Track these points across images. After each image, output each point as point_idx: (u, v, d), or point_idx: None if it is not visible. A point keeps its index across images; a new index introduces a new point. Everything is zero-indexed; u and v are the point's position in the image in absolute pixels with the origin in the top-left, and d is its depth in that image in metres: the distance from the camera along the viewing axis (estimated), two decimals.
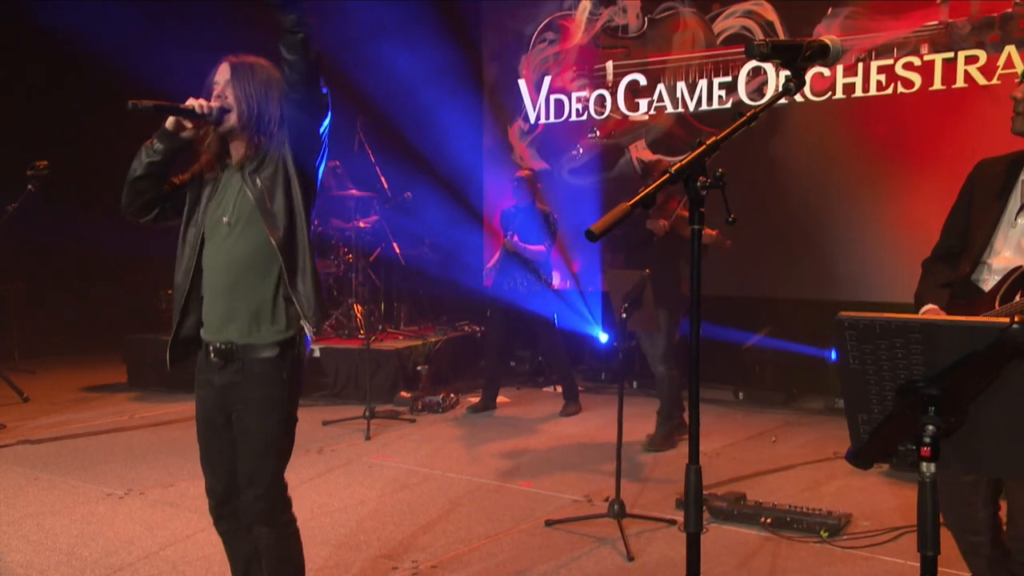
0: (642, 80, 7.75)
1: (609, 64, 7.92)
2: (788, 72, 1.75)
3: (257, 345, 2.44)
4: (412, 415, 6.40)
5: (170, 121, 2.41)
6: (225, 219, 2.43)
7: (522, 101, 8.48)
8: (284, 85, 2.36)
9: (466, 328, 8.10)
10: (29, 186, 3.20)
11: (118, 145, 3.16)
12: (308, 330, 2.47)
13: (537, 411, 6.58)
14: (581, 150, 8.16)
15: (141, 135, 2.50)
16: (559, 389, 7.47)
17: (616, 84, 7.89)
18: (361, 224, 7.77)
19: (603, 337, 7.64)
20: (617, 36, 7.89)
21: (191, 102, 2.37)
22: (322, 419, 6.09)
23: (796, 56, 1.71)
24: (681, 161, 1.61)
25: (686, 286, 5.13)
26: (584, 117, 8.11)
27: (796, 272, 6.96)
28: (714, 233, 5.25)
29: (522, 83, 8.48)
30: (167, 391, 7.20)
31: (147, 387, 7.45)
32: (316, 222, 7.81)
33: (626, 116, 7.87)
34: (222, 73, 2.44)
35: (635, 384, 7.35)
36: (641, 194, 1.57)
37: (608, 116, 7.97)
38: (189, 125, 2.41)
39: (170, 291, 8.47)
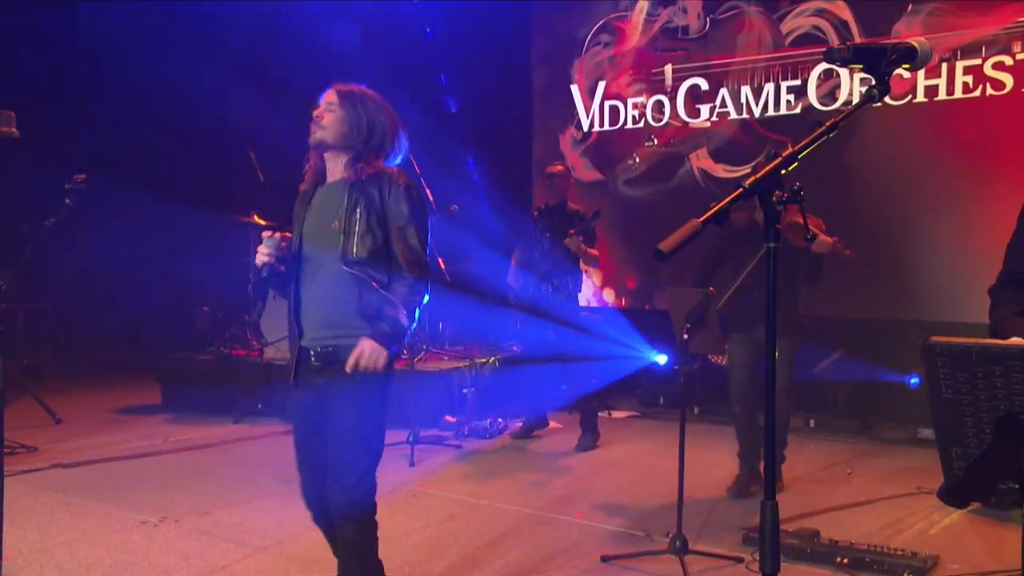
0: (703, 84, 7.72)
1: (668, 68, 7.90)
2: (871, 77, 1.73)
3: (353, 347, 2.72)
4: (458, 440, 6.42)
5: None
6: (335, 225, 2.77)
7: (574, 108, 8.49)
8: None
9: (514, 349, 8.10)
10: (67, 200, 3.28)
11: (154, 160, 3.28)
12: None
13: None
14: (637, 159, 8.14)
15: (175, 150, 2.67)
16: (613, 414, 7.44)
17: (675, 89, 7.86)
18: None
19: (661, 359, 7.57)
20: (677, 38, 7.88)
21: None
22: None
23: (880, 60, 1.69)
24: (755, 175, 1.60)
25: (801, 307, 4.98)
26: (641, 124, 8.09)
27: (872, 290, 6.83)
28: (831, 241, 4.67)
29: (574, 89, 8.50)
30: (201, 413, 7.34)
31: (181, 409, 7.60)
32: None
33: (686, 123, 7.83)
34: (329, 96, 2.86)
35: (696, 410, 7.27)
36: (713, 210, 1.57)
37: (667, 123, 7.94)
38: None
39: (206, 308, 8.76)
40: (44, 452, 6.00)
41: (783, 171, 1.62)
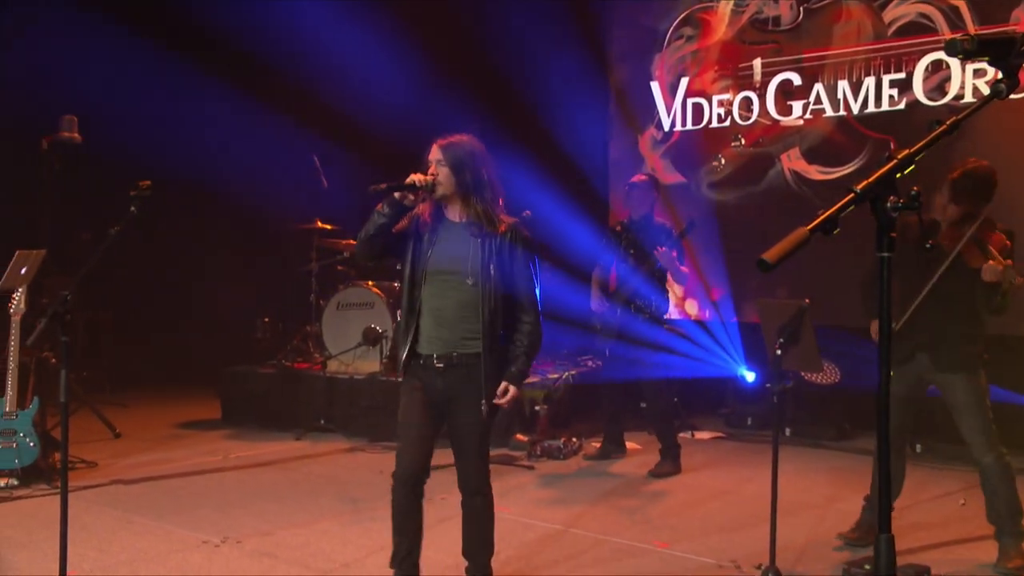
0: (796, 79, 7.61)
1: (757, 62, 7.81)
2: (993, 70, 1.67)
3: (470, 354, 3.45)
4: (530, 461, 6.42)
5: (397, 193, 3.38)
6: (469, 281, 3.41)
7: (655, 106, 8.47)
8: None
9: (589, 364, 8.08)
10: (132, 208, 3.39)
11: (215, 167, 3.41)
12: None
13: None
14: (723, 161, 8.06)
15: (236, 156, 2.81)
16: (696, 435, 7.35)
17: (765, 85, 7.78)
18: None
19: (749, 376, 7.47)
20: (767, 30, 7.78)
21: (412, 177, 3.36)
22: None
23: (1009, 51, 1.63)
24: (868, 179, 1.56)
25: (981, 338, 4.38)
26: (727, 123, 8.03)
27: None
28: (1002, 266, 3.98)
29: (655, 86, 8.47)
30: (262, 429, 7.50)
31: (242, 424, 7.77)
32: None
33: (776, 121, 7.74)
34: (434, 153, 3.46)
35: (788, 432, 7.14)
36: (822, 217, 1.53)
37: (755, 121, 7.86)
38: (412, 197, 3.39)
39: (267, 319, 8.94)
40: (104, 467, 6.19)
41: (898, 175, 1.58)
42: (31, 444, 5.49)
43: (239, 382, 8.03)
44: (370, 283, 7.93)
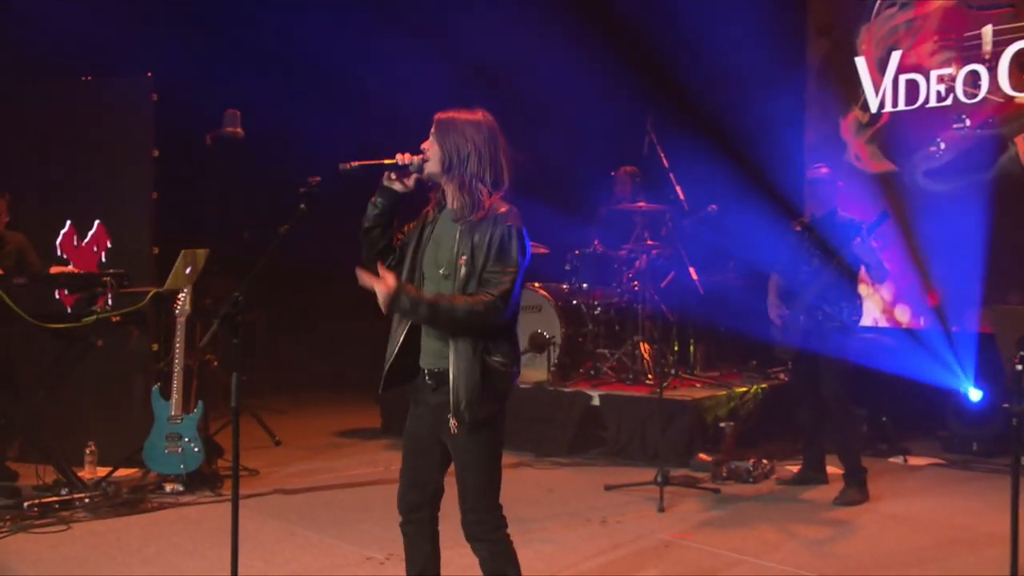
0: None
1: (987, 29, 7.47)
2: None
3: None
4: (715, 483, 6.33)
5: (385, 176, 3.24)
6: (441, 271, 3.22)
7: (860, 85, 8.25)
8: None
9: (782, 376, 7.90)
10: (301, 205, 3.54)
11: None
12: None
13: (881, 487, 6.23)
14: (943, 145, 7.74)
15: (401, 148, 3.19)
16: (909, 460, 7.08)
17: (997, 56, 7.44)
18: (649, 243, 7.86)
19: (975, 394, 7.10)
20: None
21: (398, 156, 3.21)
22: (603, 482, 6.21)
23: None
24: None
25: None
26: (948, 102, 7.74)
27: None
28: None
29: (860, 62, 8.24)
30: None
31: (402, 433, 8.00)
32: (596, 242, 8.03)
33: (1011, 98, 7.40)
34: (432, 129, 3.26)
35: None
36: None
37: (984, 99, 7.54)
38: (399, 180, 3.24)
39: None
40: (266, 476, 6.55)
41: None
42: (196, 449, 5.86)
43: (400, 391, 8.26)
44: (536, 284, 8.01)
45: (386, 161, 3.22)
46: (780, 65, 8.54)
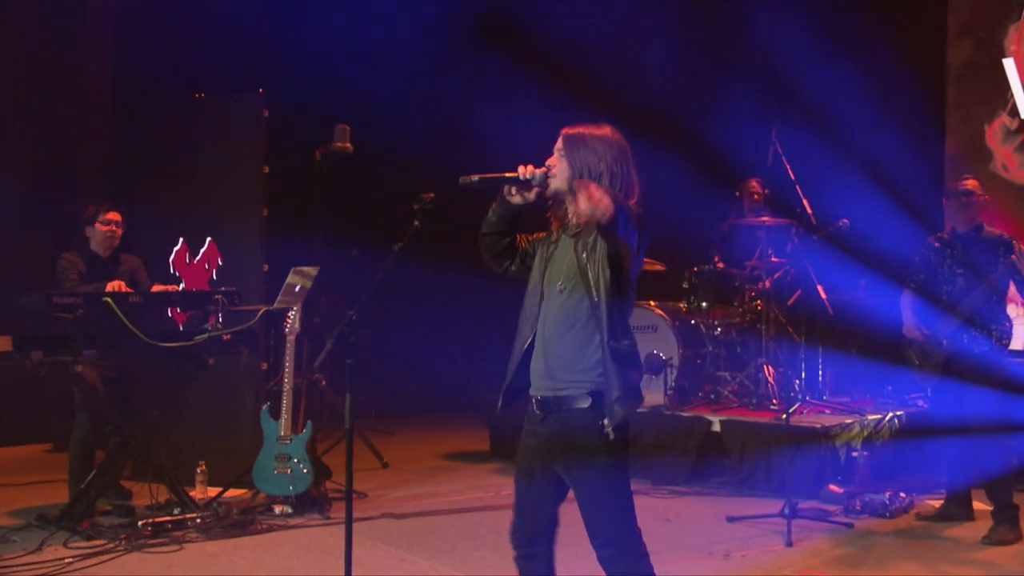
0: None
1: None
2: None
3: (573, 396, 3.26)
4: (847, 517, 6.24)
5: (506, 189, 3.30)
6: (558, 286, 3.29)
7: (1007, 89, 8.06)
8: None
9: (920, 403, 7.73)
10: (416, 222, 3.66)
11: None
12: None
13: None
14: None
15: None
16: None
17: None
18: (774, 260, 7.80)
19: None
20: None
21: (520, 169, 3.26)
22: (726, 513, 6.18)
23: None
24: None
25: None
26: None
27: None
28: None
29: (1008, 64, 8.06)
30: None
31: (511, 457, 8.08)
32: (716, 259, 8.01)
33: None
34: (558, 143, 3.33)
35: None
36: None
37: None
38: (520, 194, 3.31)
39: None
40: (374, 499, 6.72)
41: None
42: (304, 471, 6.07)
43: (508, 412, 8.36)
44: (652, 303, 8.03)
45: (507, 175, 3.29)
46: (917, 68, 8.40)
